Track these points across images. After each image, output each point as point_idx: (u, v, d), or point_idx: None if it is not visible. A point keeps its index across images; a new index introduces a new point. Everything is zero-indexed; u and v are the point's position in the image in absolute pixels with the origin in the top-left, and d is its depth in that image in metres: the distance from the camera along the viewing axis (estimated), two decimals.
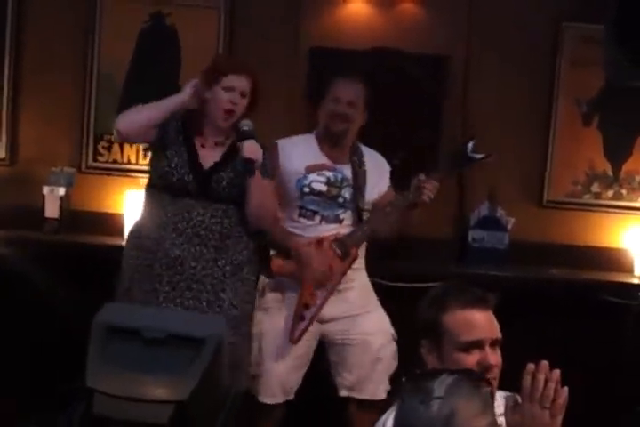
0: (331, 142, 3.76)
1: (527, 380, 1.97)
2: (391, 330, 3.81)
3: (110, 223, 4.69)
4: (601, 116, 4.92)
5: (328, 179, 3.74)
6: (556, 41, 4.90)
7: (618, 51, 3.73)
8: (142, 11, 4.89)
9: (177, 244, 3.41)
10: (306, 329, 3.66)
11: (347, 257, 3.72)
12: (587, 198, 4.95)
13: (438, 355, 2.29)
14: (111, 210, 4.80)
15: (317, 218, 3.73)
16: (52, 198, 4.71)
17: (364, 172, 3.79)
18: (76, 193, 4.83)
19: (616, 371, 4.39)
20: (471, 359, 2.25)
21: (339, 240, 3.71)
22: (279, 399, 3.74)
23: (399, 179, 3.89)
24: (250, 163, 3.36)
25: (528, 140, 4.95)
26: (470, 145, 3.72)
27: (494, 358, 2.28)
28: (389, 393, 3.76)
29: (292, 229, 3.72)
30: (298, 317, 3.65)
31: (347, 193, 3.75)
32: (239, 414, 3.57)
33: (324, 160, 3.75)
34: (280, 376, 3.71)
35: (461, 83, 4.90)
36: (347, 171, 3.77)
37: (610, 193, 4.94)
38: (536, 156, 4.95)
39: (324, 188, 3.73)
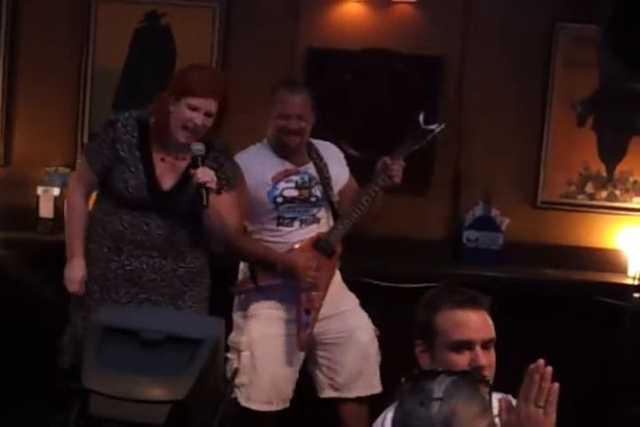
0: (287, 150, 3.73)
1: (526, 381, 1.98)
2: (372, 325, 3.82)
3: None
4: (595, 117, 4.92)
5: (296, 182, 3.72)
6: (550, 42, 4.90)
7: (612, 53, 3.75)
8: (137, 10, 4.89)
9: (135, 255, 3.37)
10: (310, 334, 3.67)
11: (333, 255, 3.72)
12: (581, 199, 4.95)
13: (431, 355, 2.30)
14: None
15: (297, 223, 3.72)
16: (47, 199, 4.71)
17: (326, 165, 3.79)
18: None
19: (610, 371, 4.40)
20: (462, 359, 2.26)
21: (322, 240, 3.70)
22: (275, 407, 3.71)
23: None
24: (202, 194, 3.24)
25: (522, 141, 4.96)
26: (421, 118, 3.72)
27: (486, 358, 2.27)
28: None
29: (272, 239, 3.71)
30: (301, 324, 3.64)
31: (317, 191, 3.75)
32: (233, 421, 3.56)
33: (286, 165, 3.72)
34: (276, 383, 3.70)
35: (456, 83, 4.91)
36: (311, 170, 3.76)
37: (604, 194, 4.94)
38: (530, 156, 4.95)
39: (295, 193, 3.71)
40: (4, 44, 4.90)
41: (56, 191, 4.72)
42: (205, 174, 3.26)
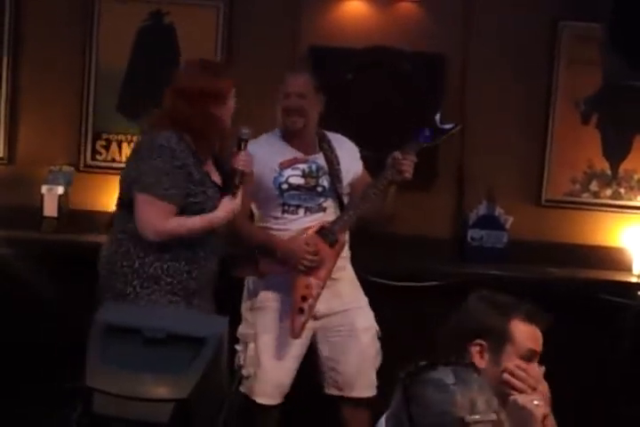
0: (295, 137, 3.77)
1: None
2: (377, 326, 3.82)
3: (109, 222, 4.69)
4: (599, 115, 4.92)
5: (303, 171, 3.74)
6: (554, 40, 4.90)
7: (615, 51, 3.75)
8: (141, 9, 4.89)
9: (212, 258, 3.40)
10: (306, 322, 3.64)
11: (335, 244, 3.71)
12: (585, 197, 4.95)
13: (493, 358, 2.30)
14: (109, 209, 4.78)
15: (301, 211, 3.74)
16: (51, 197, 4.72)
17: (337, 156, 3.80)
18: (75, 192, 4.84)
19: (614, 369, 4.39)
20: (531, 368, 2.31)
21: (325, 228, 3.70)
22: (276, 400, 3.72)
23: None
24: (241, 178, 3.35)
25: (526, 139, 4.95)
26: (438, 117, 3.75)
27: None
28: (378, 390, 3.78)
29: (277, 226, 3.73)
30: (296, 310, 3.62)
31: (324, 181, 3.76)
32: (239, 413, 3.57)
33: (294, 154, 3.76)
34: (278, 377, 3.70)
35: (459, 81, 4.90)
36: (320, 160, 3.78)
37: (608, 192, 4.94)
38: (534, 154, 4.95)
39: (301, 180, 3.73)
40: (7, 43, 4.91)
41: (60, 190, 4.73)
42: (246, 161, 3.38)
